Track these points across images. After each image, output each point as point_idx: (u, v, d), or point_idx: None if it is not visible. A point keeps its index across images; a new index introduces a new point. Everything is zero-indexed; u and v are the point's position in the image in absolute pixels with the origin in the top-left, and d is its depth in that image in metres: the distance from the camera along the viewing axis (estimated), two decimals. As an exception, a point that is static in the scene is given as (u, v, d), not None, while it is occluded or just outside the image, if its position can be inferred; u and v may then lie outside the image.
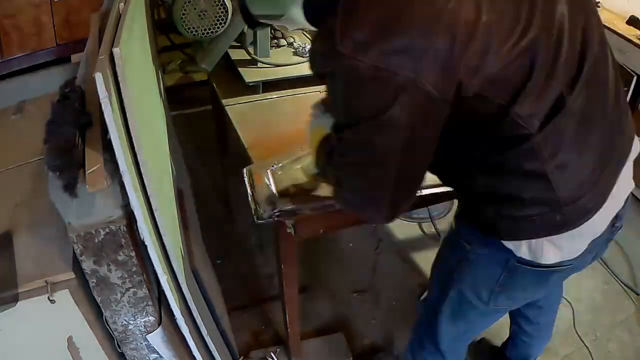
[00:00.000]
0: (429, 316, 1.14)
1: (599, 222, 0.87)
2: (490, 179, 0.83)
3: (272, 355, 1.66)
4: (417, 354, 1.25)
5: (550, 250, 0.85)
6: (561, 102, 0.76)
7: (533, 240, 0.85)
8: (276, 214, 1.10)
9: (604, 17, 2.34)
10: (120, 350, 1.01)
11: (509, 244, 0.87)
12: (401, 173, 0.77)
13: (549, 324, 1.43)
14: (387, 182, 0.78)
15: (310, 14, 0.81)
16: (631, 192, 0.94)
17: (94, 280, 0.86)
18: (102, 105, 0.68)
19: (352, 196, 0.87)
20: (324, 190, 1.14)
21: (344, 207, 0.93)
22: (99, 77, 0.67)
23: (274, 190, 1.15)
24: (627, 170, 0.90)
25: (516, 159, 0.78)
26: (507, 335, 1.55)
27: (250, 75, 1.59)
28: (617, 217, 0.92)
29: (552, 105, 0.76)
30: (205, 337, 1.11)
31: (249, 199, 1.14)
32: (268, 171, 1.21)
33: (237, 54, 1.70)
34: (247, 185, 1.17)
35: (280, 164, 1.23)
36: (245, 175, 1.20)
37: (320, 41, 0.76)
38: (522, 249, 0.86)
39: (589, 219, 0.84)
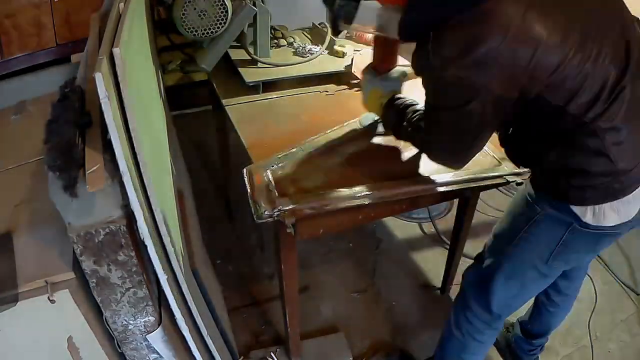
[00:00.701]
0: (482, 278, 1.24)
1: None
2: (561, 156, 0.99)
3: (272, 355, 1.66)
4: (462, 317, 1.33)
5: (611, 214, 1.00)
6: (616, 92, 0.92)
7: (597, 206, 1.00)
8: (276, 213, 1.10)
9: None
10: (120, 350, 1.01)
11: (576, 209, 1.01)
12: (476, 140, 1.05)
13: (573, 296, 1.52)
14: (466, 142, 1.05)
15: (405, 36, 1.02)
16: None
17: (94, 280, 0.86)
18: (102, 105, 0.68)
19: (437, 149, 1.13)
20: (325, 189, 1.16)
21: (430, 154, 1.16)
22: (99, 77, 0.67)
23: (275, 191, 1.15)
24: None
25: (581, 139, 0.95)
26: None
27: (250, 75, 1.59)
28: None
29: (607, 96, 0.91)
30: (205, 337, 1.11)
31: (249, 198, 1.14)
32: (268, 171, 1.21)
33: (237, 54, 1.70)
34: (247, 185, 1.18)
35: (281, 164, 1.24)
36: (245, 175, 1.20)
37: (419, 54, 0.98)
38: (587, 214, 1.01)
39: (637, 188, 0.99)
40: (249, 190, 1.16)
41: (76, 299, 0.87)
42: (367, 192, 1.16)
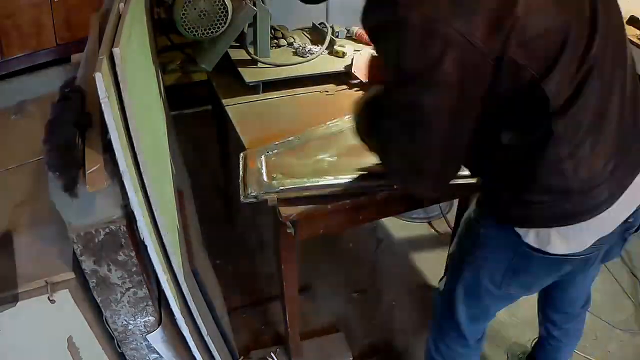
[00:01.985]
0: (447, 300, 1.18)
1: (608, 220, 0.90)
2: (512, 163, 0.87)
3: (272, 355, 1.66)
4: (439, 341, 1.28)
5: (557, 240, 0.89)
6: (583, 87, 0.80)
7: (541, 229, 0.89)
8: (260, 195, 1.13)
9: (604, 17, 2.34)
10: (120, 350, 1.01)
11: (519, 230, 0.91)
12: (447, 140, 0.81)
13: (577, 330, 1.46)
14: (434, 147, 0.81)
15: None
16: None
17: (94, 280, 0.86)
18: (102, 105, 0.68)
19: (398, 164, 0.90)
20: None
21: (391, 176, 1.00)
22: (99, 77, 0.67)
23: (264, 175, 1.19)
24: None
25: (536, 144, 0.83)
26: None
27: (250, 75, 1.59)
28: (627, 223, 0.95)
29: (575, 88, 0.80)
30: (205, 337, 1.11)
31: (240, 179, 1.18)
32: (263, 156, 1.25)
33: (237, 54, 1.70)
34: (241, 167, 1.22)
35: (275, 150, 1.28)
36: (241, 159, 1.25)
37: (374, 4, 0.79)
38: (529, 235, 0.90)
39: (598, 214, 0.87)
40: (241, 173, 1.20)
41: (76, 299, 0.87)
42: (349, 180, 1.17)
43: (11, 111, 1.25)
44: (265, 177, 1.18)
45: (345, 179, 1.18)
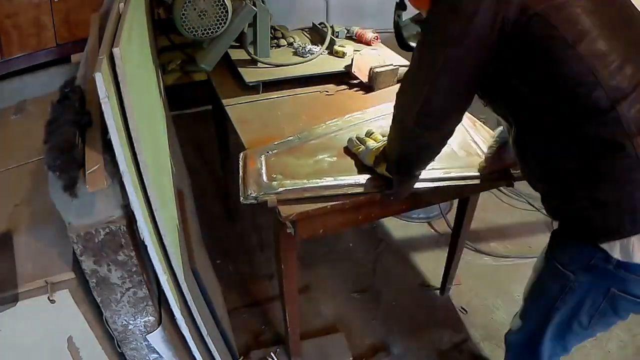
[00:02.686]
0: (530, 345, 1.16)
1: None
2: (582, 154, 0.87)
3: (272, 355, 1.66)
4: None
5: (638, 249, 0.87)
6: (637, 82, 0.81)
7: (624, 240, 0.87)
8: (261, 195, 1.13)
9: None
10: (120, 350, 1.01)
11: (604, 246, 0.89)
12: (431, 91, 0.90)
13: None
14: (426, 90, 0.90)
15: None
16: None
17: (94, 280, 0.86)
18: (102, 105, 0.68)
19: (397, 99, 1.01)
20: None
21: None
22: (99, 77, 0.67)
23: (264, 175, 1.18)
24: None
25: (602, 129, 0.82)
26: None
27: (250, 75, 1.59)
28: None
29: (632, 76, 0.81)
30: (205, 337, 1.11)
31: (240, 180, 1.18)
32: (262, 156, 1.25)
33: (237, 54, 1.70)
34: (241, 168, 1.22)
35: (275, 150, 1.28)
36: (240, 159, 1.25)
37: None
38: (615, 249, 0.88)
39: None
40: (241, 173, 1.20)
41: (76, 299, 0.87)
42: (350, 182, 1.17)
43: (11, 111, 1.25)
44: (265, 178, 1.18)
45: (345, 179, 1.18)
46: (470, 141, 1.35)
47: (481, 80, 0.92)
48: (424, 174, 1.16)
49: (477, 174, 1.23)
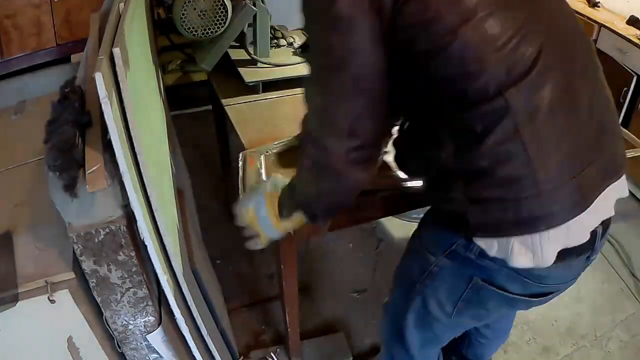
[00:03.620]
0: (395, 321, 1.12)
1: (575, 229, 0.79)
2: (461, 146, 0.77)
3: (272, 355, 1.66)
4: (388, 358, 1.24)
5: (522, 251, 0.78)
6: (534, 62, 0.72)
7: (504, 239, 0.78)
8: None
9: (604, 17, 2.34)
10: (120, 350, 1.01)
11: (480, 242, 0.81)
12: (360, 84, 0.75)
13: (506, 329, 1.45)
14: (345, 90, 0.75)
15: None
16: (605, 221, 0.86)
17: (94, 280, 0.86)
18: (102, 105, 0.68)
19: (312, 115, 0.83)
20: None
21: (304, 137, 0.89)
22: (99, 77, 0.67)
23: (264, 175, 1.18)
24: (612, 191, 0.83)
25: (487, 119, 0.73)
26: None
27: (250, 75, 1.59)
28: (592, 242, 0.84)
29: (524, 60, 0.72)
30: (205, 337, 1.11)
31: (239, 180, 1.18)
32: (262, 156, 1.25)
33: (237, 54, 1.70)
34: (240, 167, 1.22)
35: (275, 150, 1.28)
36: (240, 158, 1.25)
37: None
38: (493, 247, 0.80)
39: (565, 221, 0.76)
40: (240, 173, 1.20)
41: (76, 299, 0.87)
42: None
43: (11, 111, 1.25)
44: (264, 178, 1.18)
45: None
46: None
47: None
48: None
49: None
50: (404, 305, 1.05)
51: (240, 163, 1.24)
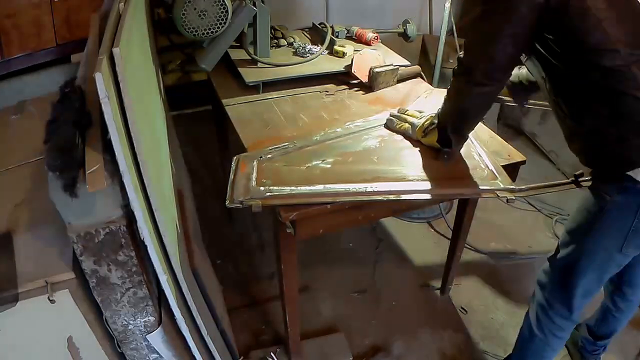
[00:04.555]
0: (562, 276, 1.27)
1: None
2: (609, 100, 1.03)
3: (272, 355, 1.66)
4: (543, 316, 1.35)
5: None
6: None
7: None
8: (247, 199, 1.13)
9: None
10: (120, 350, 1.01)
11: (630, 173, 1.03)
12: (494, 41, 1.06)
13: (636, 302, 1.54)
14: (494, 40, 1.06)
15: None
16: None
17: (94, 280, 0.86)
18: (102, 105, 0.69)
19: (465, 58, 1.14)
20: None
21: (458, 67, 1.17)
22: (99, 77, 0.67)
23: (254, 180, 1.18)
24: None
25: (620, 84, 1.00)
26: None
27: (250, 75, 1.59)
28: None
29: None
30: (205, 337, 1.11)
31: (229, 184, 1.18)
32: (255, 161, 1.25)
33: (237, 54, 1.70)
34: (232, 171, 1.22)
35: (269, 155, 1.27)
36: (234, 162, 1.25)
37: None
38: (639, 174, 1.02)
39: None
40: (231, 177, 1.20)
41: (76, 299, 0.87)
42: (339, 190, 1.16)
43: (11, 111, 1.26)
44: (254, 183, 1.18)
45: (334, 187, 1.16)
46: (473, 153, 1.33)
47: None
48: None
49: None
50: (578, 251, 1.21)
51: (233, 167, 1.23)
